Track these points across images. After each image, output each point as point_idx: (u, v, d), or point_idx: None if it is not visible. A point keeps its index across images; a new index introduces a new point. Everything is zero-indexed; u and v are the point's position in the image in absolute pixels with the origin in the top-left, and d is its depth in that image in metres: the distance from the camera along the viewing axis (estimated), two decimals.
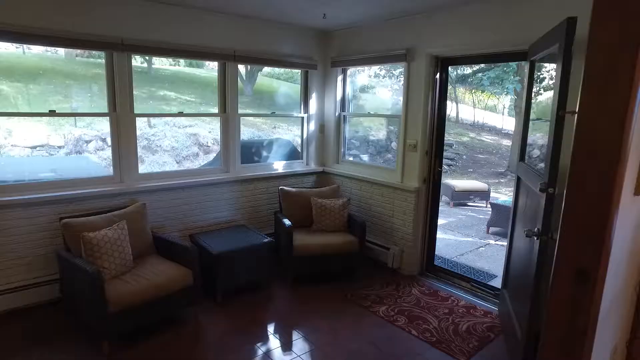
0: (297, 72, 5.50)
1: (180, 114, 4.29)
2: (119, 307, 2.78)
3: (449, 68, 4.05)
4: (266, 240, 3.83)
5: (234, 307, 3.54)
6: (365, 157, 5.18)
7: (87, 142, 7.89)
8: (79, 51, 11.76)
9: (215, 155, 7.62)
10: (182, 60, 14.40)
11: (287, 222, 3.93)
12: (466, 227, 6.82)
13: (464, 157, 14.73)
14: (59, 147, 7.66)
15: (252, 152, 5.44)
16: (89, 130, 8.06)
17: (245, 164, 4.62)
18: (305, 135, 5.11)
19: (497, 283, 4.07)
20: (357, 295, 3.81)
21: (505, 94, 16.38)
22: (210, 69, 14.40)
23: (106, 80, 3.62)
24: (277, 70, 15.07)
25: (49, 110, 3.40)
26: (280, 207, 4.44)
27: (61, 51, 11.63)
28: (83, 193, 3.50)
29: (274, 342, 3.09)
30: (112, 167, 3.77)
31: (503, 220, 5.97)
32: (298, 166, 5.09)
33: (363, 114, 5.10)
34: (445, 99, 4.10)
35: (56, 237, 3.38)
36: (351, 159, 5.11)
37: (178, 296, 3.12)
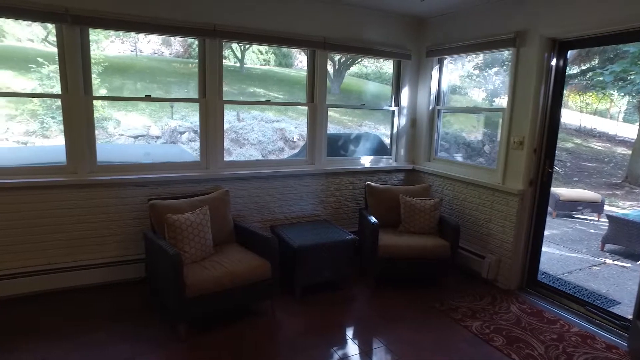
0: (385, 73, 5.21)
1: (268, 102, 4.22)
2: (196, 292, 2.74)
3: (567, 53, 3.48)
4: (350, 237, 3.61)
5: (311, 305, 3.37)
6: (458, 157, 4.73)
7: (181, 133, 8.41)
8: (181, 51, 12.70)
9: (302, 145, 7.64)
10: (272, 60, 14.86)
11: (372, 219, 3.67)
12: (573, 241, 5.98)
13: (568, 164, 13.23)
14: (157, 138, 8.29)
15: (338, 145, 5.27)
16: (183, 122, 8.61)
17: (331, 157, 4.45)
18: (395, 130, 4.81)
19: (620, 311, 3.41)
20: (446, 305, 3.43)
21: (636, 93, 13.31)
22: (299, 69, 14.65)
23: (198, 68, 3.68)
24: (364, 70, 14.86)
25: (145, 95, 3.50)
26: (365, 203, 4.19)
27: (166, 53, 12.64)
28: (171, 177, 3.59)
29: (352, 348, 2.86)
30: (199, 152, 3.83)
31: (624, 237, 5.10)
32: (386, 162, 4.80)
33: (460, 108, 4.65)
34: (562, 89, 3.53)
35: (145, 218, 3.50)
36: (444, 155, 4.69)
37: (255, 287, 3.02)
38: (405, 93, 4.71)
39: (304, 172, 4.18)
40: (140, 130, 8.20)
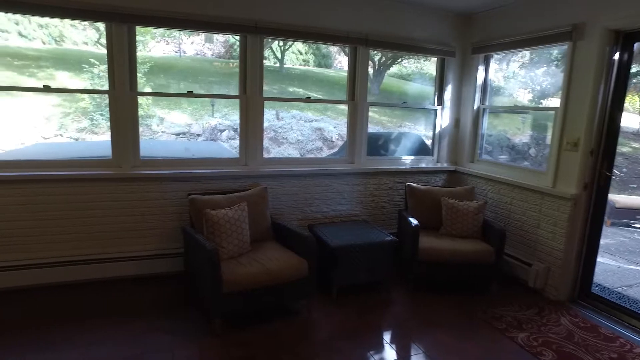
0: (425, 73, 5.05)
1: (308, 99, 4.18)
2: (233, 288, 2.73)
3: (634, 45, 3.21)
4: (389, 239, 3.51)
5: (348, 306, 3.30)
6: (503, 158, 4.50)
7: (221, 131, 8.58)
8: (222, 52, 12.97)
9: (340, 145, 7.61)
10: (311, 60, 14.91)
11: (413, 221, 3.55)
12: (632, 252, 5.56)
13: (624, 169, 12.41)
14: (198, 135, 8.51)
15: (378, 144, 5.16)
16: (223, 120, 8.79)
17: (371, 156, 4.36)
18: (437, 130, 4.65)
19: None
20: (489, 313, 3.25)
21: None
22: (338, 69, 14.62)
23: (239, 64, 3.70)
24: (404, 70, 14.61)
25: (187, 91, 3.56)
26: (405, 204, 4.07)
27: (208, 53, 12.96)
28: (210, 172, 3.63)
29: (389, 353, 2.76)
30: (238, 150, 3.85)
31: None
32: (427, 163, 4.65)
33: (507, 107, 4.42)
34: (625, 86, 3.26)
35: (184, 213, 3.55)
36: (488, 158, 4.49)
37: (291, 286, 2.99)
38: (448, 92, 4.54)
39: (343, 171, 4.12)
40: (182, 128, 8.46)
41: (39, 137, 7.86)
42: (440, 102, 4.58)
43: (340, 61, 14.76)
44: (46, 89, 3.40)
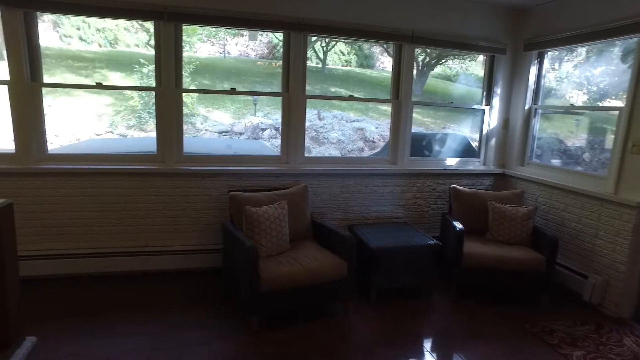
0: (471, 74, 4.83)
1: (351, 98, 4.11)
2: (270, 287, 2.70)
3: None
4: (432, 242, 3.37)
5: (387, 310, 3.19)
6: (556, 162, 4.22)
7: (263, 130, 8.69)
8: (265, 52, 13.14)
9: (382, 146, 7.49)
10: (353, 60, 14.80)
11: (457, 225, 3.39)
12: None
13: None
14: (240, 134, 8.67)
15: (422, 145, 5.01)
16: (265, 119, 8.90)
17: (415, 157, 4.22)
18: (484, 131, 4.44)
19: None
20: (538, 326, 3.04)
21: None
22: (380, 70, 14.44)
23: (282, 62, 3.69)
24: (448, 71, 14.20)
25: (231, 88, 3.58)
26: (449, 208, 3.91)
27: (251, 54, 13.16)
28: (251, 170, 3.64)
29: None
30: (279, 148, 3.84)
31: None
32: (473, 165, 4.45)
33: (562, 107, 4.14)
34: None
35: (224, 210, 3.58)
36: (539, 161, 4.23)
37: (330, 287, 2.92)
38: (497, 91, 4.33)
39: (385, 172, 4.01)
40: (225, 127, 8.66)
41: (91, 134, 8.31)
42: (489, 102, 4.37)
43: (383, 62, 14.57)
44: (98, 86, 3.54)
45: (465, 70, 12.83)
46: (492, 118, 4.38)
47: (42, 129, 3.35)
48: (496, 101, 4.34)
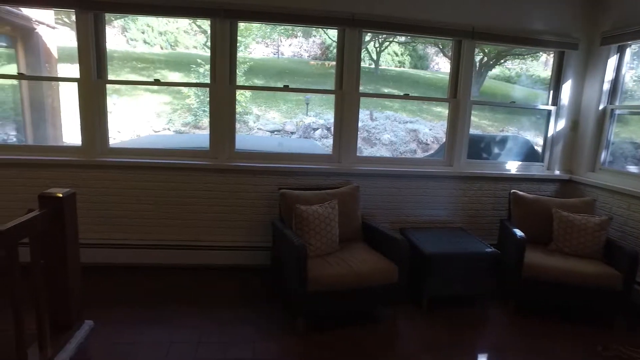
0: (532, 75, 4.49)
1: (406, 96, 3.96)
2: (318, 287, 2.63)
3: None
4: (489, 250, 3.15)
5: (438, 319, 3.02)
6: (633, 169, 3.81)
7: (315, 129, 8.70)
8: (318, 53, 13.19)
9: (435, 149, 7.24)
10: (407, 61, 14.51)
11: (518, 233, 3.15)
12: None
13: None
14: (292, 133, 8.74)
15: (480, 147, 4.75)
16: (317, 119, 8.92)
17: (472, 159, 3.99)
18: (550, 134, 4.12)
19: None
20: (613, 351, 2.74)
21: None
22: (434, 71, 14.04)
23: (336, 60, 3.63)
24: (507, 72, 13.52)
25: (283, 85, 3.57)
26: (509, 214, 3.65)
27: (304, 55, 13.27)
28: (302, 168, 3.60)
29: None
30: (331, 147, 3.77)
31: None
32: (536, 170, 4.14)
33: None
34: None
35: (274, 207, 3.55)
36: (612, 167, 3.85)
37: (379, 291, 2.80)
38: (566, 90, 3.99)
39: (441, 174, 3.82)
40: (277, 126, 8.79)
41: (150, 130, 8.74)
42: (556, 101, 4.05)
43: (438, 63, 14.18)
44: (156, 82, 3.66)
45: (526, 71, 12.15)
46: (559, 119, 4.05)
47: (105, 124, 3.50)
48: (564, 101, 4.01)
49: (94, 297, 3.01)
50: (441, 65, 13.81)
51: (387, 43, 13.08)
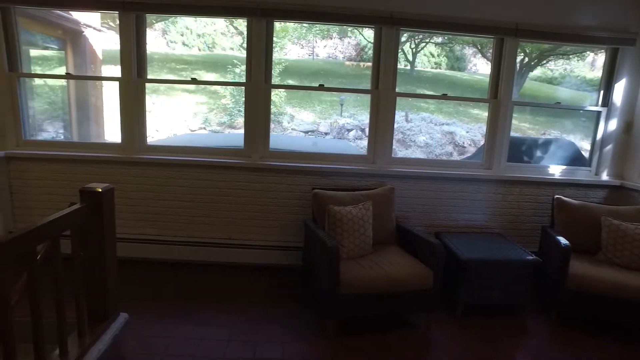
0: (577, 76, 4.24)
1: (444, 96, 3.84)
2: (350, 290, 2.58)
3: None
4: (530, 258, 3.00)
5: (474, 328, 2.89)
6: None
7: (349, 130, 8.66)
8: (353, 54, 13.14)
9: (473, 152, 7.04)
10: (443, 63, 14.21)
11: (562, 241, 2.98)
12: None
13: None
14: (325, 134, 8.73)
15: (521, 150, 4.55)
16: (351, 120, 8.89)
17: (512, 162, 3.83)
18: (599, 137, 3.89)
19: None
20: None
21: None
22: (472, 72, 13.67)
23: (372, 58, 3.57)
24: (549, 73, 12.97)
25: (319, 85, 3.53)
26: (551, 221, 3.47)
27: (339, 56, 13.25)
28: (336, 168, 3.56)
29: None
30: (366, 147, 3.71)
31: None
32: (582, 175, 3.92)
33: None
34: None
35: (307, 207, 3.53)
36: None
37: (413, 296, 2.72)
38: (619, 89, 3.75)
39: (479, 177, 3.68)
40: (311, 126, 8.82)
41: (186, 129, 8.97)
42: (606, 102, 3.81)
43: (475, 64, 13.81)
44: (193, 81, 3.73)
45: (570, 72, 11.62)
46: (610, 121, 3.81)
47: (143, 122, 3.59)
48: (617, 102, 3.78)
49: (127, 290, 3.08)
50: (479, 66, 13.44)
51: (424, 44, 12.86)
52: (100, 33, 5.29)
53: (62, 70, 5.11)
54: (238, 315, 2.88)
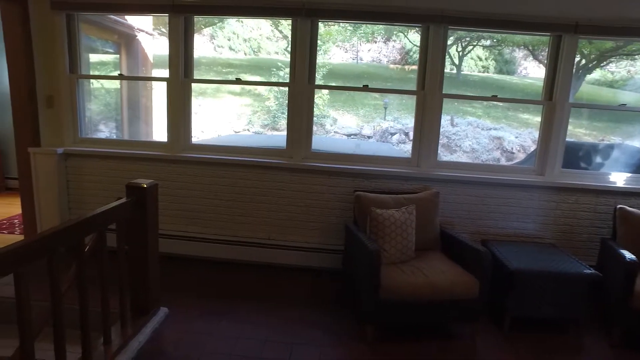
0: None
1: (494, 98, 3.67)
2: (390, 296, 2.49)
3: None
4: (588, 272, 2.77)
5: (522, 343, 2.71)
6: None
7: (392, 134, 8.52)
8: (397, 58, 12.96)
9: (522, 158, 6.71)
10: (491, 66, 13.70)
11: (627, 255, 2.74)
12: None
13: None
14: (368, 137, 8.66)
15: (578, 156, 4.26)
16: (395, 124, 8.74)
17: (568, 168, 3.58)
18: None
19: None
20: None
21: None
22: (521, 76, 13.08)
23: (418, 58, 3.46)
24: (609, 76, 12.17)
25: (363, 85, 3.47)
26: (613, 233, 3.21)
27: (384, 60, 13.10)
28: (379, 170, 3.48)
29: None
30: (410, 150, 3.60)
31: None
32: None
33: None
34: None
35: (348, 210, 3.47)
36: None
37: (457, 306, 2.59)
38: None
39: (530, 183, 3.46)
40: (354, 129, 8.77)
41: (230, 131, 9.19)
42: None
43: (526, 67, 13.21)
44: (238, 81, 3.79)
45: (634, 74, 10.83)
46: None
47: (189, 121, 3.68)
48: None
49: (168, 285, 3.14)
50: (530, 69, 12.86)
51: (471, 47, 12.47)
52: (152, 37, 5.52)
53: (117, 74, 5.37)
54: (276, 316, 2.86)
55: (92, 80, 4.30)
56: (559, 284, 2.75)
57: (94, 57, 5.03)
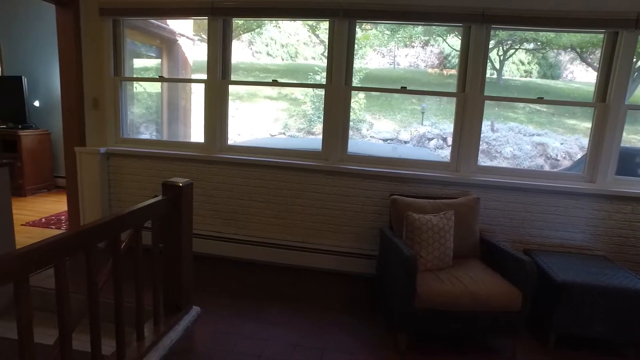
0: None
1: (540, 100, 3.49)
2: (426, 305, 2.38)
3: None
4: None
5: None
6: None
7: (429, 139, 8.32)
8: (435, 63, 12.71)
9: (567, 166, 6.35)
10: (534, 70, 13.17)
11: None
12: None
13: None
14: (405, 142, 8.49)
15: (634, 162, 3.97)
16: (432, 129, 8.53)
17: (622, 176, 3.34)
18: None
19: None
20: None
21: None
22: (567, 80, 12.49)
23: (459, 59, 3.34)
24: None
25: (401, 87, 3.40)
26: None
27: (421, 65, 12.89)
28: (416, 175, 3.37)
29: None
30: (448, 155, 3.47)
31: None
32: None
33: None
34: None
35: (384, 215, 3.38)
36: None
37: (497, 318, 2.44)
38: None
39: (579, 191, 3.25)
40: (390, 134, 8.63)
41: (266, 134, 9.30)
42: None
43: (572, 71, 12.61)
44: (274, 83, 3.81)
45: None
46: None
47: (225, 122, 3.72)
48: None
49: (201, 284, 3.17)
50: (576, 73, 12.27)
51: (513, 50, 12.05)
52: (192, 43, 5.66)
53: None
54: (307, 320, 2.81)
55: (135, 85, 4.44)
56: (614, 300, 2.55)
57: (137, 63, 5.22)
